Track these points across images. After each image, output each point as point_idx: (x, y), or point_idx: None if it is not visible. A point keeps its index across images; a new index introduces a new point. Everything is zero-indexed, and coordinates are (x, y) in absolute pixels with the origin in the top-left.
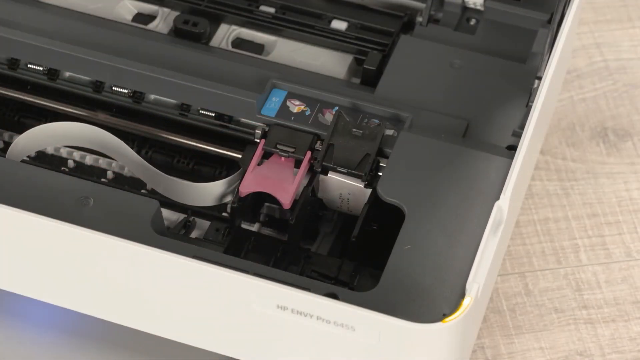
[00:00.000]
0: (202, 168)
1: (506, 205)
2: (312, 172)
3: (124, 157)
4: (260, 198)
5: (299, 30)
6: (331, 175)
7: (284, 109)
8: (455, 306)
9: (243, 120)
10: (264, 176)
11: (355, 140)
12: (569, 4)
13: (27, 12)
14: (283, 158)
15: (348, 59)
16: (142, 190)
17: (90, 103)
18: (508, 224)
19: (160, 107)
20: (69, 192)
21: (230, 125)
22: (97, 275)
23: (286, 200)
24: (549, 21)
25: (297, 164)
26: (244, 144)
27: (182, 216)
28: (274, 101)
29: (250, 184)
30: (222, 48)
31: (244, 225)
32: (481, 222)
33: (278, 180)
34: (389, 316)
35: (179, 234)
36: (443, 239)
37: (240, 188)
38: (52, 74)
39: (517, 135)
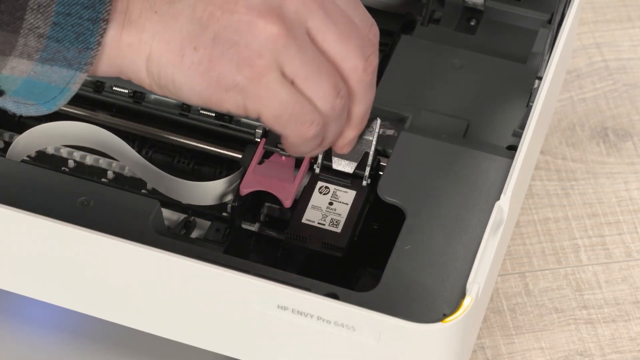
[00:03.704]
0: (203, 168)
1: (506, 205)
2: (312, 172)
3: (125, 156)
4: (261, 198)
5: None
6: None
7: None
8: (455, 306)
9: (243, 120)
10: (264, 175)
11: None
12: (569, 4)
13: None
14: (284, 157)
15: None
16: (143, 190)
17: (91, 103)
18: (508, 224)
19: (161, 107)
20: (69, 192)
21: (230, 125)
22: (97, 276)
23: (287, 199)
24: (549, 21)
25: (298, 163)
26: (244, 144)
27: (182, 216)
28: None
29: (251, 182)
30: None
31: (244, 225)
32: (481, 222)
33: (279, 179)
34: (389, 316)
35: (179, 234)
36: (443, 239)
37: (241, 187)
38: None
39: (517, 135)
